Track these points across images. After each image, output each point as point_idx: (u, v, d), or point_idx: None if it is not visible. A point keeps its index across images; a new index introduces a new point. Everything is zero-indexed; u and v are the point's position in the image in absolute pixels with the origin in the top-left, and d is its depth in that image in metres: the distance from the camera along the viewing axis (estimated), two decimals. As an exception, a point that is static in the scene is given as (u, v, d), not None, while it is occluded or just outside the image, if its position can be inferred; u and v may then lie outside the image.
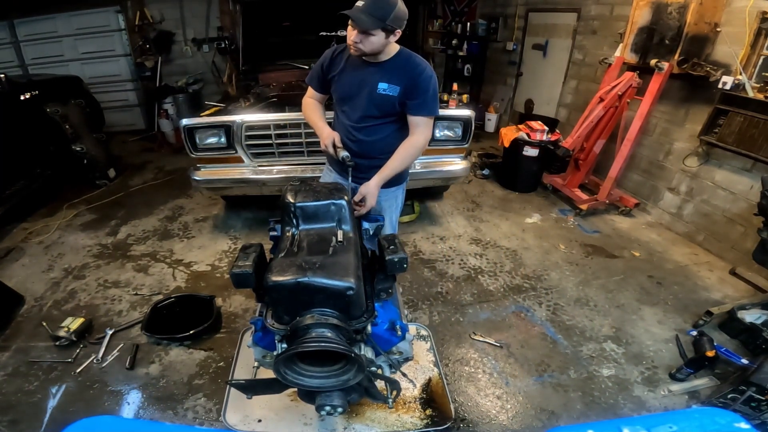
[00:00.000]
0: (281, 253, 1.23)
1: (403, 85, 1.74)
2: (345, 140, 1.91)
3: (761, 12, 2.75)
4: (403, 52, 1.79)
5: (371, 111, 1.82)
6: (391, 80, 1.75)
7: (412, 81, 1.73)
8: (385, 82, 1.75)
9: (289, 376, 1.17)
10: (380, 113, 1.82)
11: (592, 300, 2.74)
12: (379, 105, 1.80)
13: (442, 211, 3.95)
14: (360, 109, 1.84)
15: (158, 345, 2.33)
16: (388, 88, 1.75)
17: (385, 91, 1.76)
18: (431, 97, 1.77)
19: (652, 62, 3.20)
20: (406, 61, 1.76)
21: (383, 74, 1.76)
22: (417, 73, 1.74)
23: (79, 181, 4.42)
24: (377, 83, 1.76)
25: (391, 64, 1.76)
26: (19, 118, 3.81)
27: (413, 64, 1.75)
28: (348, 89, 1.85)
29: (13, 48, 5.88)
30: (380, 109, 1.81)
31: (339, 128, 1.96)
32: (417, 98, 1.75)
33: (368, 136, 1.88)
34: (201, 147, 2.99)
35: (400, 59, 1.77)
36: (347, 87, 1.85)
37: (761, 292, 2.73)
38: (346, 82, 1.84)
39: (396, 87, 1.74)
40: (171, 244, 3.40)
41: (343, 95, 1.89)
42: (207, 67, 6.38)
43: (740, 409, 1.83)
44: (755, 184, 2.89)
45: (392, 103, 1.78)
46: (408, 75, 1.74)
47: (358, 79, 1.81)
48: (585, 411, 1.98)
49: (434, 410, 1.80)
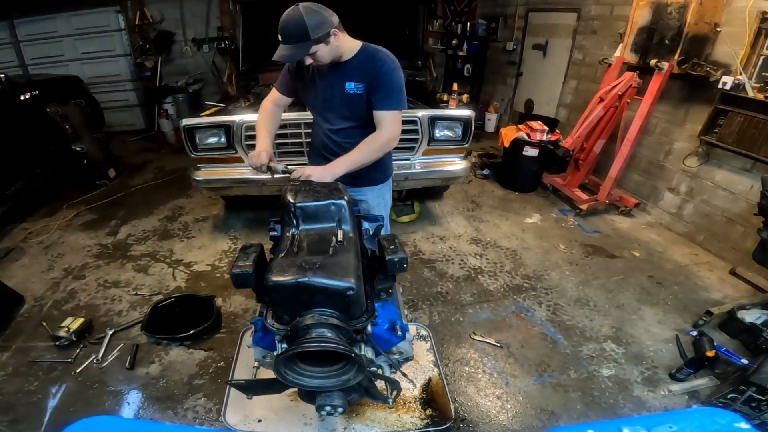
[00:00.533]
0: (281, 253, 1.23)
1: (367, 81, 1.70)
2: (326, 146, 1.92)
3: (761, 12, 2.75)
4: (366, 49, 1.74)
5: (344, 113, 1.81)
6: (355, 78, 1.72)
7: (374, 75, 1.69)
8: (351, 81, 1.73)
9: (289, 376, 1.17)
10: (353, 115, 1.81)
11: (592, 300, 2.74)
12: (349, 106, 1.78)
13: (442, 211, 3.95)
14: (334, 112, 1.84)
15: (158, 345, 2.33)
16: (355, 87, 1.72)
17: (352, 90, 1.73)
18: (395, 90, 1.71)
19: (652, 62, 3.20)
20: (369, 56, 1.72)
21: (348, 73, 1.73)
22: (378, 66, 1.69)
23: (79, 181, 4.42)
24: (344, 84, 1.74)
25: (354, 62, 1.73)
26: (19, 118, 3.81)
27: (375, 59, 1.71)
28: (321, 94, 1.83)
29: (13, 48, 5.88)
30: (352, 111, 1.79)
31: (319, 135, 1.97)
32: (379, 91, 1.70)
33: (346, 138, 1.85)
34: (201, 147, 2.99)
35: (363, 56, 1.73)
36: (320, 92, 1.83)
37: (761, 292, 2.73)
38: (319, 88, 1.82)
39: (361, 84, 1.71)
40: (171, 244, 3.40)
41: (318, 101, 1.87)
42: (207, 67, 6.38)
43: (740, 409, 1.83)
44: (755, 184, 2.89)
45: (362, 102, 1.75)
46: (370, 70, 1.70)
47: (327, 83, 1.79)
48: (585, 411, 1.98)
49: (434, 410, 1.80)
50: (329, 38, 1.60)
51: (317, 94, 1.85)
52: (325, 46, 1.60)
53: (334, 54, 1.66)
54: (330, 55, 1.65)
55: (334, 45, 1.63)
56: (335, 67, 1.74)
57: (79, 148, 4.27)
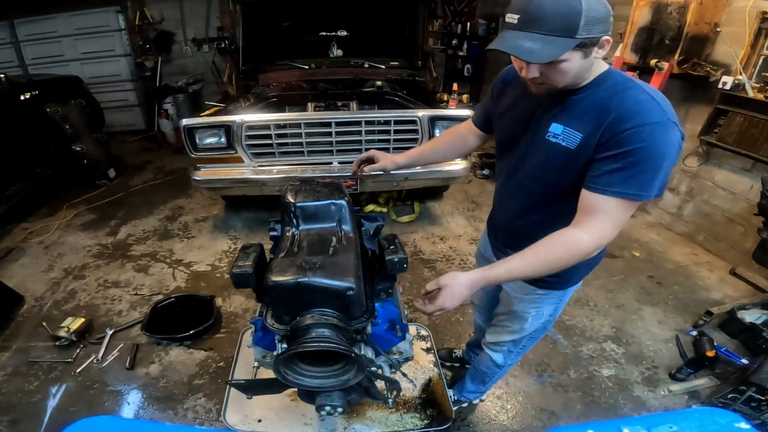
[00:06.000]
0: (281, 253, 1.23)
1: (590, 132, 1.02)
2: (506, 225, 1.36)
3: (761, 12, 2.75)
4: (615, 77, 1.04)
5: (537, 167, 1.16)
6: (573, 121, 1.05)
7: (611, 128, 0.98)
8: (561, 124, 1.07)
9: (289, 376, 1.17)
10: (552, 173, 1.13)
11: (592, 300, 2.73)
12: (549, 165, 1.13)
13: (442, 211, 3.95)
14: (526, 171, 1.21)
15: (158, 345, 2.34)
16: (563, 134, 1.06)
17: (556, 138, 1.08)
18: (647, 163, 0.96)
19: (652, 62, 3.20)
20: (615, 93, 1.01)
21: (566, 111, 1.07)
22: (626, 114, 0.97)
23: (79, 181, 4.42)
24: (549, 125, 1.09)
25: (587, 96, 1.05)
26: (19, 118, 3.80)
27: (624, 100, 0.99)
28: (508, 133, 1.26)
29: (13, 48, 5.87)
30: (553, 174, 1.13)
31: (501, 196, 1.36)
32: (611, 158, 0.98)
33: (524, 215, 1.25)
34: (201, 147, 2.99)
35: (607, 88, 1.03)
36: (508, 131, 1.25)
37: (761, 292, 2.73)
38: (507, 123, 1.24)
39: (578, 134, 1.04)
40: (171, 244, 3.40)
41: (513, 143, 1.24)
42: (207, 67, 6.37)
43: (740, 409, 1.83)
44: (755, 184, 2.89)
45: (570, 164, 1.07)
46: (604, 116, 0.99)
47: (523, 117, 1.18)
48: (585, 411, 1.99)
49: (434, 410, 1.80)
50: (597, 49, 0.97)
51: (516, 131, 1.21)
52: (581, 57, 0.96)
53: (581, 74, 1.02)
54: (575, 76, 1.01)
55: (590, 60, 0.99)
56: (555, 95, 1.07)
57: (79, 148, 4.27)
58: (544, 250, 1.04)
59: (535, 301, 1.39)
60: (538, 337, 1.58)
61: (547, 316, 1.46)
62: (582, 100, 1.05)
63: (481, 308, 1.82)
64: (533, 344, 1.63)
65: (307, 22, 4.03)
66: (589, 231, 1.01)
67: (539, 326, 1.49)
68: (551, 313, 1.45)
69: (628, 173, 0.96)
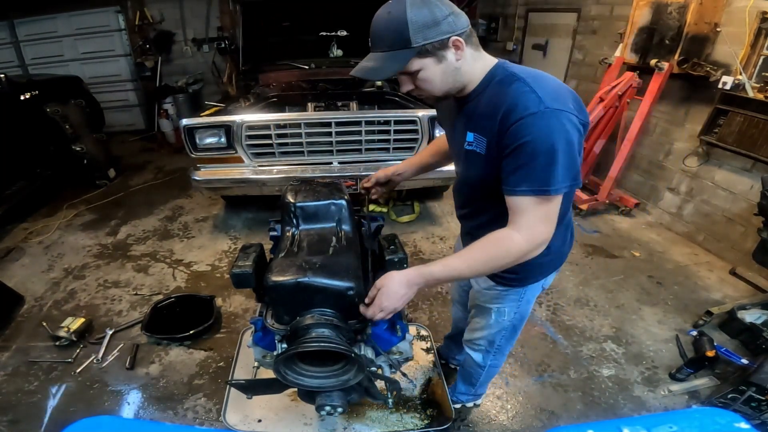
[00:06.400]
0: (281, 253, 1.23)
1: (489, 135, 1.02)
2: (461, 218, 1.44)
3: (761, 12, 2.75)
4: (496, 73, 1.05)
5: (470, 180, 1.21)
6: (478, 125, 1.06)
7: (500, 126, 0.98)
8: (471, 131, 1.07)
9: (289, 376, 1.17)
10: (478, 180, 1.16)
11: (592, 300, 2.73)
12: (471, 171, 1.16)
13: (442, 211, 3.95)
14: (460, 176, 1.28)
15: (158, 345, 2.34)
16: (475, 141, 1.07)
17: (471, 146, 1.08)
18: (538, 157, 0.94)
19: (652, 62, 3.20)
20: (496, 90, 1.02)
21: (469, 116, 1.09)
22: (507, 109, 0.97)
23: (79, 181, 4.42)
24: (465, 134, 1.10)
25: (478, 98, 1.06)
26: (19, 118, 3.81)
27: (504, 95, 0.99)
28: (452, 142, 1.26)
29: (13, 48, 5.88)
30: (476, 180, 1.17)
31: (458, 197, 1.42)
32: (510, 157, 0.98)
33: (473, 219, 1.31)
34: (201, 147, 2.99)
35: (489, 87, 1.04)
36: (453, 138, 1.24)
37: (761, 292, 2.73)
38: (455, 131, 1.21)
39: (482, 139, 1.04)
40: (171, 244, 3.40)
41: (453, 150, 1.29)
42: (207, 67, 6.38)
43: (740, 409, 1.83)
44: (755, 184, 2.89)
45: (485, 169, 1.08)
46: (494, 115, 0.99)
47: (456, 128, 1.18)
48: (585, 411, 1.98)
49: (434, 410, 1.80)
50: (445, 51, 0.97)
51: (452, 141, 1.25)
52: (435, 63, 0.98)
53: (450, 80, 1.02)
54: (443, 82, 1.02)
55: (452, 64, 0.99)
56: (460, 103, 1.11)
57: (79, 148, 4.27)
58: (479, 249, 1.05)
59: (497, 297, 1.39)
60: (511, 337, 1.56)
61: (511, 314, 1.44)
62: (477, 104, 1.06)
63: (458, 303, 1.87)
64: (510, 346, 1.63)
65: (307, 22, 4.03)
66: (519, 230, 1.01)
67: (507, 325, 1.48)
68: (515, 311, 1.43)
69: (526, 170, 0.95)
